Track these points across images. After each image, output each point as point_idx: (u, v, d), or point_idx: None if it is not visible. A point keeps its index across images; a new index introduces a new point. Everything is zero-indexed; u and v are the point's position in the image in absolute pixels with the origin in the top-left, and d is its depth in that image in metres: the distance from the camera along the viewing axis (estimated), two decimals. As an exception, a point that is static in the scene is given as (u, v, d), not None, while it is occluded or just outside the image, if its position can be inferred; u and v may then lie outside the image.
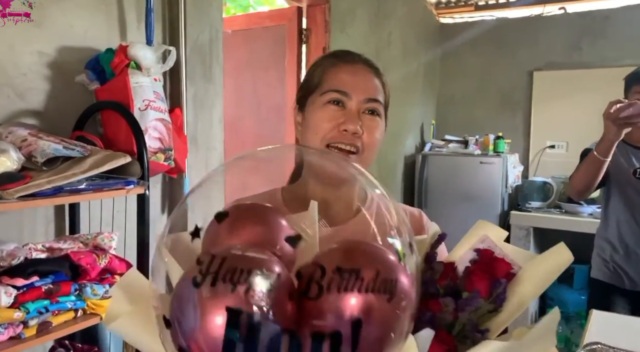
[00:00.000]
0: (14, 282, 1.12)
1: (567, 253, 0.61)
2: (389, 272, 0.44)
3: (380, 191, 0.55)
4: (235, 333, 0.39)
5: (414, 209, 0.97)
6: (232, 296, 0.40)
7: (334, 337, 0.41)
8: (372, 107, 0.84)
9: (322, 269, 0.43)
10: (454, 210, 3.54)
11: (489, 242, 0.65)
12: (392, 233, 0.49)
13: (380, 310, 0.43)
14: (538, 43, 3.86)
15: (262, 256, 0.44)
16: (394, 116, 3.69)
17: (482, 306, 0.59)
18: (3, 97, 1.34)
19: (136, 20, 1.66)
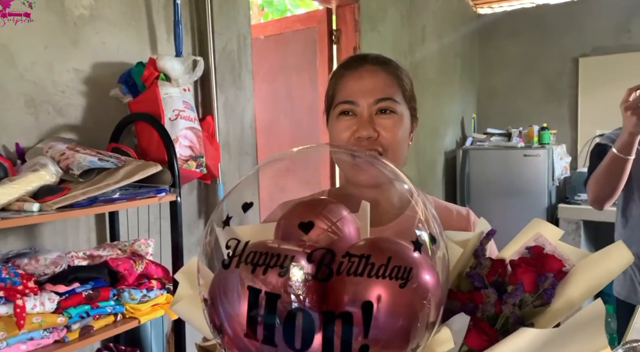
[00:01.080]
0: (57, 288, 1.19)
1: (626, 253, 0.57)
2: (402, 260, 0.46)
3: (408, 186, 0.57)
4: (256, 310, 0.44)
5: (462, 208, 0.96)
6: (253, 276, 0.45)
7: (345, 317, 0.44)
8: (383, 107, 0.83)
9: (332, 253, 0.46)
10: (498, 205, 3.44)
11: (542, 240, 0.63)
12: (419, 225, 0.51)
13: (392, 295, 0.44)
14: (583, 28, 3.69)
15: (287, 246, 0.48)
16: (432, 111, 3.63)
17: (527, 299, 0.58)
18: (43, 113, 1.42)
19: (165, 32, 1.72)
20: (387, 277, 0.45)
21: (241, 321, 0.45)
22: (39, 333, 1.14)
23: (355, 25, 2.67)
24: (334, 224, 0.55)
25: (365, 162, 0.75)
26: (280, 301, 0.44)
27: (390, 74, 0.86)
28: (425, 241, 0.50)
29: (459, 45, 3.83)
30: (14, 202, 1.12)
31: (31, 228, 1.38)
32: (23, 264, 1.18)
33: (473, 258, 0.64)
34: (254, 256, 0.46)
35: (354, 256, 0.46)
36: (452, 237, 0.65)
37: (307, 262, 0.46)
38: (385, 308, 0.44)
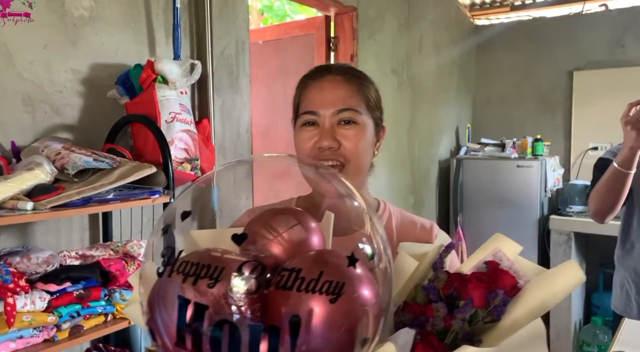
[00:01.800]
0: (48, 287, 1.19)
1: (577, 273, 0.57)
2: (334, 275, 0.46)
3: (358, 203, 0.56)
4: (185, 320, 0.44)
5: (427, 221, 0.96)
6: (183, 286, 0.45)
7: (272, 331, 0.43)
8: (344, 118, 0.83)
9: (263, 266, 0.46)
10: (490, 215, 3.46)
11: (500, 255, 0.64)
12: (363, 239, 0.51)
13: (322, 310, 0.44)
14: (578, 42, 3.73)
15: (222, 256, 0.48)
16: (427, 120, 3.66)
17: (478, 315, 0.58)
18: (41, 113, 1.43)
19: (164, 36, 1.74)
20: (318, 291, 0.44)
21: (172, 330, 0.46)
22: (29, 332, 1.14)
23: (353, 33, 2.70)
24: (280, 235, 0.55)
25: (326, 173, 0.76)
26: (208, 312, 0.44)
27: (353, 84, 0.86)
28: (364, 256, 0.50)
29: (456, 55, 3.86)
30: (8, 200, 1.13)
31: (24, 227, 1.39)
32: (15, 263, 1.19)
33: (432, 271, 0.65)
34: (186, 266, 0.46)
35: (284, 270, 0.46)
36: (412, 249, 0.66)
37: (237, 274, 0.46)
38: (315, 323, 0.44)
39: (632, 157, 1.49)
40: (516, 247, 0.64)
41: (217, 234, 0.62)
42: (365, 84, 0.88)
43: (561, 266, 0.59)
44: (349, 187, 0.59)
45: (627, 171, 1.51)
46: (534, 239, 3.33)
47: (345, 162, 0.82)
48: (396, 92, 3.12)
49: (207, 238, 0.60)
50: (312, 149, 0.83)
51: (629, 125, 1.46)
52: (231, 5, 1.99)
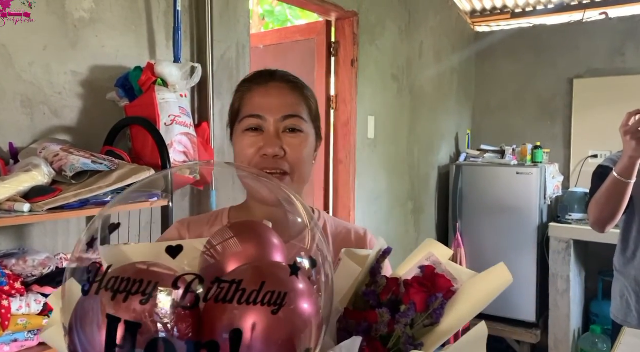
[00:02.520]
0: (44, 290, 1.18)
1: (506, 274, 0.60)
2: (276, 285, 0.44)
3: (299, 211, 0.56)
4: (114, 341, 0.41)
5: (360, 228, 0.96)
6: (113, 304, 0.42)
7: (211, 347, 0.41)
8: (291, 125, 0.82)
9: (201, 279, 0.44)
10: (490, 222, 3.46)
11: (434, 259, 0.66)
12: (301, 252, 0.50)
13: (264, 322, 0.43)
14: (578, 50, 3.74)
15: (155, 269, 0.46)
16: (427, 126, 3.67)
17: (418, 319, 0.60)
18: (39, 114, 1.42)
19: (165, 38, 1.74)
20: (259, 303, 0.43)
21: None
22: (24, 335, 1.13)
23: (353, 38, 2.70)
24: (212, 248, 0.54)
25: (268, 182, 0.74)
26: (141, 331, 0.41)
27: (297, 92, 0.85)
28: (304, 265, 0.49)
29: (456, 62, 3.87)
30: (4, 201, 1.12)
31: (21, 228, 1.38)
32: (11, 265, 1.18)
33: (369, 276, 0.66)
34: (115, 282, 0.43)
35: (224, 282, 0.44)
36: (352, 256, 0.66)
37: (173, 288, 0.43)
38: (257, 336, 0.43)
39: (632, 167, 1.49)
40: (447, 251, 0.67)
41: (151, 248, 0.59)
42: (307, 94, 0.87)
43: (492, 268, 0.62)
44: (290, 195, 0.58)
45: (627, 181, 1.51)
46: (533, 247, 3.32)
47: (290, 171, 0.81)
48: (396, 98, 3.12)
49: (141, 253, 0.56)
50: (255, 156, 0.80)
51: (628, 135, 1.46)
52: (232, 9, 1.99)
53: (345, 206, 2.76)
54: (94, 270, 0.45)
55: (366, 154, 2.86)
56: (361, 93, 2.76)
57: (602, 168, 1.70)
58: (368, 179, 2.89)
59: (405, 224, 3.32)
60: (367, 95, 2.82)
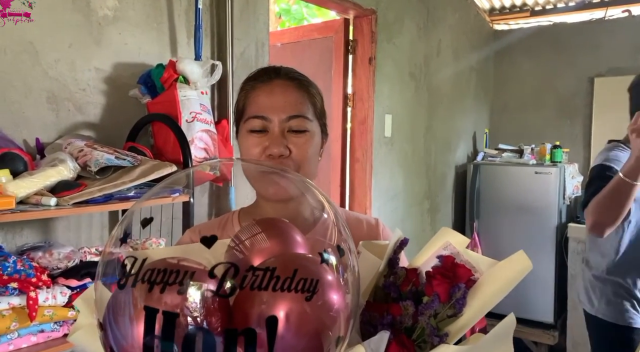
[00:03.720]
0: (69, 283, 1.20)
1: (526, 261, 0.60)
2: (308, 272, 0.45)
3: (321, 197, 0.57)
4: (153, 332, 0.41)
5: (372, 218, 0.95)
6: (150, 295, 0.42)
7: (248, 335, 0.41)
8: (295, 125, 0.81)
9: (236, 267, 0.44)
10: (508, 222, 3.42)
11: (451, 249, 0.65)
12: (326, 241, 0.52)
13: (298, 309, 0.43)
14: (599, 48, 3.68)
15: (187, 263, 0.46)
16: (444, 124, 3.64)
17: (442, 310, 0.60)
18: (64, 110, 1.45)
19: (186, 36, 1.75)
20: (293, 290, 0.43)
21: (137, 345, 0.42)
22: (50, 326, 1.15)
23: (371, 36, 2.70)
24: (241, 243, 0.54)
25: (275, 175, 0.75)
26: (179, 321, 0.41)
27: (302, 90, 0.84)
28: (332, 254, 0.49)
29: (474, 60, 3.84)
30: (32, 195, 1.14)
31: (46, 222, 1.41)
32: (37, 257, 1.20)
33: (387, 267, 0.66)
34: (152, 274, 0.43)
35: (258, 270, 0.44)
36: (368, 248, 0.66)
37: (209, 278, 0.44)
38: (292, 323, 0.43)
39: (639, 168, 1.42)
40: (463, 239, 0.67)
41: (170, 251, 0.59)
42: (312, 91, 0.86)
43: (512, 256, 0.62)
44: (311, 187, 0.60)
45: (634, 182, 1.43)
46: (551, 247, 3.28)
47: (295, 170, 0.81)
48: (413, 96, 3.10)
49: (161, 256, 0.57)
50: (260, 156, 0.80)
51: (634, 133, 1.42)
52: (252, 7, 2.00)
53: (361, 204, 2.76)
54: (130, 263, 0.46)
55: (383, 152, 2.86)
56: (378, 91, 2.76)
57: (603, 167, 1.62)
58: (384, 178, 2.89)
59: (422, 223, 3.31)
60: (384, 93, 2.81)
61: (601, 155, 1.73)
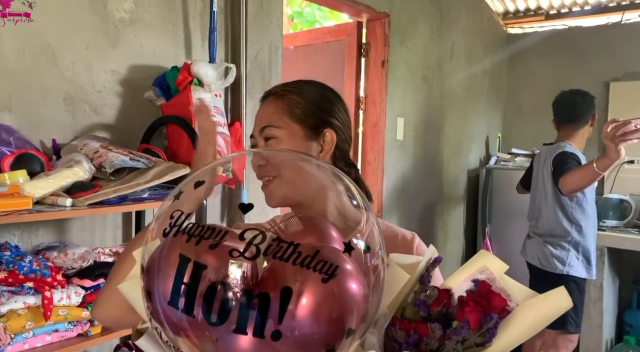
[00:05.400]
0: (83, 283, 1.22)
1: (566, 300, 0.59)
2: (329, 256, 0.47)
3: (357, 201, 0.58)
4: (182, 278, 0.45)
5: (408, 232, 0.97)
6: (186, 245, 0.47)
7: (263, 298, 0.44)
8: (265, 135, 0.87)
9: (264, 235, 0.47)
10: (520, 226, 3.37)
11: (488, 273, 0.64)
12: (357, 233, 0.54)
13: (313, 287, 0.45)
14: (615, 52, 3.63)
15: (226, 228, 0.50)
16: (457, 128, 3.61)
17: (470, 337, 0.59)
18: (80, 112, 1.47)
19: (200, 39, 1.76)
20: (312, 268, 0.45)
21: (168, 288, 0.46)
22: (64, 325, 1.16)
23: (384, 39, 2.69)
24: (276, 225, 0.58)
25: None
26: (205, 273, 0.45)
27: (278, 100, 0.88)
28: (358, 246, 0.52)
29: (488, 64, 3.81)
30: (48, 196, 1.15)
31: (61, 222, 1.42)
32: (52, 257, 1.21)
33: (418, 284, 0.65)
34: (192, 228, 0.48)
35: (283, 242, 0.47)
36: (399, 261, 0.66)
37: (239, 239, 0.47)
38: (304, 299, 0.45)
39: (611, 165, 2.00)
40: (502, 265, 0.66)
41: None
42: (288, 96, 0.88)
43: (551, 292, 0.61)
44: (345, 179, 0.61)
45: (602, 173, 2.04)
46: (564, 253, 3.23)
47: (277, 174, 0.83)
48: (426, 99, 3.09)
49: None
50: (254, 168, 0.86)
51: (607, 140, 1.90)
52: (266, 11, 2.01)
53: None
54: (176, 216, 0.50)
55: (395, 155, 2.85)
56: (391, 94, 2.75)
57: (571, 156, 2.29)
58: (396, 181, 2.88)
59: (434, 227, 3.29)
60: (396, 96, 2.81)
61: (558, 148, 2.36)
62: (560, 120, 2.50)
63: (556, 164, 2.32)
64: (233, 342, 0.45)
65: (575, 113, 2.46)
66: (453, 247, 3.53)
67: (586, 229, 2.42)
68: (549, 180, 2.40)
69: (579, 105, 2.48)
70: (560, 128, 2.50)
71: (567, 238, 2.39)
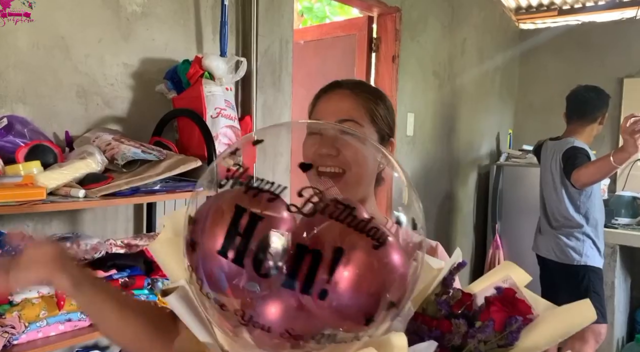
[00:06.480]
0: (96, 273, 1.23)
1: (590, 312, 0.59)
2: (382, 225, 0.47)
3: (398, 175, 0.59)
4: (237, 228, 0.45)
5: (432, 241, 0.97)
6: (243, 196, 0.47)
7: (315, 255, 0.44)
8: None
9: (322, 193, 0.47)
10: (530, 224, 3.35)
11: (511, 283, 0.65)
12: (399, 208, 0.54)
13: (363, 252, 0.45)
14: (630, 48, 3.59)
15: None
16: (467, 124, 3.58)
17: (493, 337, 0.59)
18: (93, 104, 1.48)
19: (212, 32, 1.77)
20: (365, 233, 0.46)
21: (219, 237, 0.46)
22: (77, 315, 1.18)
23: (395, 34, 2.68)
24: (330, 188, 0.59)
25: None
26: (261, 225, 0.45)
27: (360, 98, 0.89)
28: (402, 220, 0.52)
29: (499, 60, 3.78)
30: (61, 187, 1.17)
31: (73, 214, 1.43)
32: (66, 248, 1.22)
33: (441, 286, 0.65)
34: (251, 180, 0.48)
35: (340, 203, 0.47)
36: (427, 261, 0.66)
37: (297, 195, 0.47)
38: (355, 262, 0.45)
39: (627, 159, 2.09)
40: (525, 276, 0.66)
41: None
42: (372, 99, 0.90)
43: (574, 303, 0.61)
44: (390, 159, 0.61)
45: (619, 166, 2.11)
46: (575, 251, 3.21)
47: (346, 169, 0.83)
48: (436, 95, 3.07)
49: None
50: (314, 156, 0.84)
51: (626, 134, 2.00)
52: (277, 5, 2.01)
53: (381, 204, 2.75)
54: (234, 169, 0.50)
55: (404, 151, 2.84)
56: (401, 89, 2.74)
57: (580, 151, 2.29)
58: (406, 177, 2.87)
59: (443, 224, 3.27)
60: (407, 91, 2.80)
61: (566, 143, 2.39)
62: (571, 115, 2.51)
63: (567, 158, 2.32)
64: (283, 303, 0.46)
65: (585, 109, 2.45)
66: (463, 244, 3.52)
67: (595, 220, 2.41)
68: (557, 174, 2.40)
69: (591, 102, 2.46)
70: (570, 122, 2.51)
71: (580, 229, 2.37)
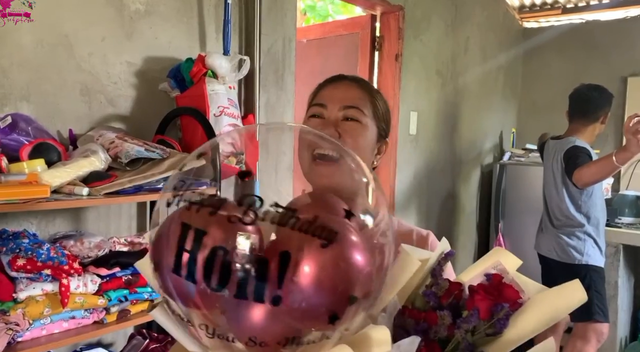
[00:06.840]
0: (99, 271, 1.23)
1: (580, 293, 0.58)
2: (330, 222, 0.47)
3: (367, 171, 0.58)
4: (184, 245, 0.46)
5: (423, 230, 0.98)
6: (188, 213, 0.48)
7: (261, 263, 0.45)
8: (349, 115, 0.85)
9: (261, 200, 0.47)
10: (533, 223, 3.34)
11: (501, 268, 0.64)
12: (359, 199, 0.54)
13: (312, 253, 0.45)
14: (634, 46, 3.57)
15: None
16: (470, 123, 3.57)
17: (480, 326, 0.58)
18: (96, 103, 1.48)
19: (215, 31, 1.77)
20: (311, 233, 0.45)
21: (170, 256, 0.47)
22: (80, 313, 1.18)
23: (398, 33, 2.67)
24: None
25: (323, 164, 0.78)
26: (206, 239, 0.45)
27: (364, 90, 0.89)
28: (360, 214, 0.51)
29: (503, 58, 3.77)
30: (65, 185, 1.17)
31: (77, 212, 1.44)
32: (69, 246, 1.23)
33: (430, 277, 0.65)
34: (193, 197, 0.49)
35: (280, 207, 0.47)
36: (413, 253, 0.65)
37: (238, 205, 0.47)
38: (304, 263, 0.45)
39: (630, 158, 2.06)
40: (516, 261, 0.66)
41: None
42: (375, 95, 0.91)
43: (565, 284, 0.60)
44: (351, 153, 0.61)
45: (621, 166, 2.10)
46: (578, 250, 3.20)
47: (343, 156, 0.81)
48: (439, 94, 3.07)
49: None
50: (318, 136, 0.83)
51: (630, 134, 1.98)
52: (280, 4, 2.01)
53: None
54: (178, 187, 0.52)
55: (407, 150, 2.84)
56: (404, 88, 2.74)
57: (582, 150, 2.27)
58: (408, 176, 2.87)
59: (445, 223, 3.27)
60: (410, 90, 2.79)
61: (568, 142, 2.37)
62: (573, 114, 2.49)
63: (568, 158, 2.32)
64: (241, 313, 0.46)
65: (587, 108, 2.43)
66: (466, 243, 3.51)
67: (596, 219, 2.39)
68: (559, 173, 2.40)
69: (593, 101, 2.45)
70: (572, 121, 2.50)
71: (581, 228, 2.36)
